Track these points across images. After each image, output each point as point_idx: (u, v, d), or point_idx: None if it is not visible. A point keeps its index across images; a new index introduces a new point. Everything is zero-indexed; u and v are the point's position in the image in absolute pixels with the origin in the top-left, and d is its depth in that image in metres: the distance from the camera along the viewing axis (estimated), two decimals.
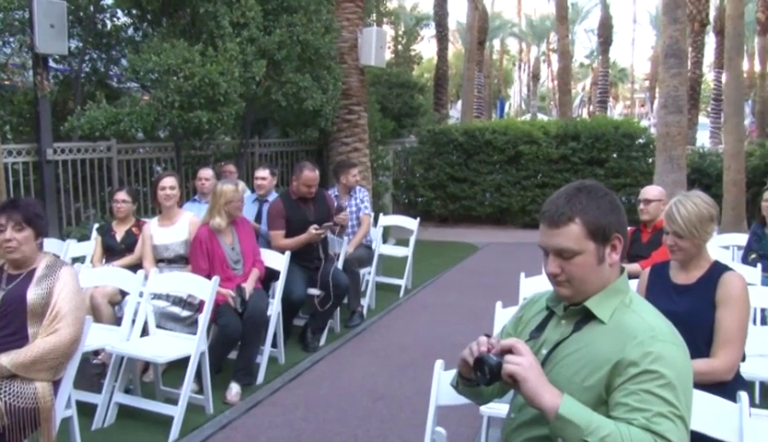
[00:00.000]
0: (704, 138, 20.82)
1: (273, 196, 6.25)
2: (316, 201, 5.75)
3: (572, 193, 1.81)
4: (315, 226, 5.58)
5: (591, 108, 40.98)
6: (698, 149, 13.04)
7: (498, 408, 2.93)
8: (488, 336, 1.81)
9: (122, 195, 5.45)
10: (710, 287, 2.84)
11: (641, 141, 11.82)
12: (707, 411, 2.27)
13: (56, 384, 3.09)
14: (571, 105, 25.75)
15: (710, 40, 22.21)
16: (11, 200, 3.21)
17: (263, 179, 6.23)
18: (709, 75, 27.29)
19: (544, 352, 1.85)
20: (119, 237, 5.37)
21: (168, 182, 5.20)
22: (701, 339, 2.76)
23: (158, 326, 4.48)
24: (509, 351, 1.70)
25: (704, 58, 21.34)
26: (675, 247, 2.88)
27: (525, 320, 2.03)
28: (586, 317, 1.82)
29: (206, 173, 6.29)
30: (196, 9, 6.91)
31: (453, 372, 2.49)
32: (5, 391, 2.85)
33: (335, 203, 6.19)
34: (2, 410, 2.82)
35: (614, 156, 11.70)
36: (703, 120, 24.76)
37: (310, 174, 5.64)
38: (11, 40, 7.70)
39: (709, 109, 22.86)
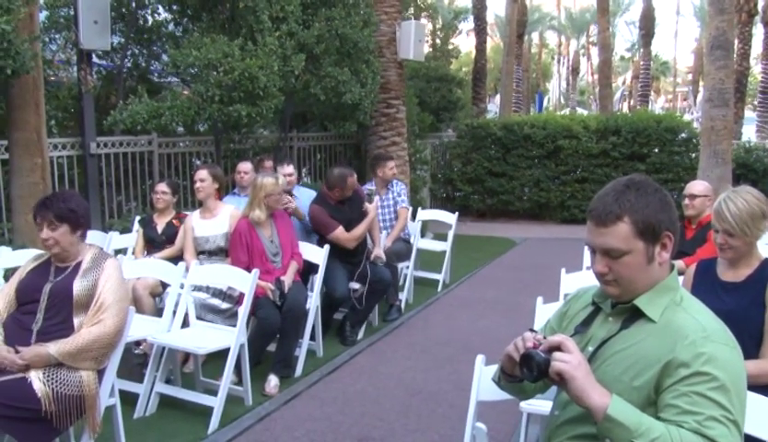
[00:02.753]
0: (750, 132, 20.27)
1: (297, 189, 6.26)
2: (349, 198, 5.73)
3: (620, 191, 1.75)
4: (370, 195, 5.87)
5: (632, 102, 40.25)
6: (744, 144, 12.69)
7: (538, 404, 2.89)
8: (533, 331, 1.78)
9: (162, 187, 5.52)
10: (760, 286, 2.75)
11: (684, 135, 11.55)
12: (759, 413, 2.20)
13: (101, 373, 3.15)
14: (611, 99, 25.29)
15: (758, 32, 21.58)
16: (44, 199, 3.26)
17: (290, 175, 6.25)
18: (756, 68, 26.57)
19: (590, 349, 1.81)
20: (159, 229, 5.45)
21: (199, 175, 5.27)
22: (750, 339, 2.67)
23: (198, 318, 4.53)
24: (557, 348, 1.67)
25: (752, 50, 20.74)
26: (726, 245, 2.79)
27: (570, 315, 1.99)
28: (634, 315, 1.77)
29: (245, 166, 6.33)
30: (236, 4, 6.96)
31: (494, 367, 2.47)
32: (52, 379, 2.92)
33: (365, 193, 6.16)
34: (49, 396, 2.88)
35: (656, 150, 11.47)
36: (749, 114, 24.10)
37: (353, 178, 5.66)
38: (57, 36, 7.87)
39: (756, 102, 22.21)
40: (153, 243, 5.43)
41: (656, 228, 1.73)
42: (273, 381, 4.57)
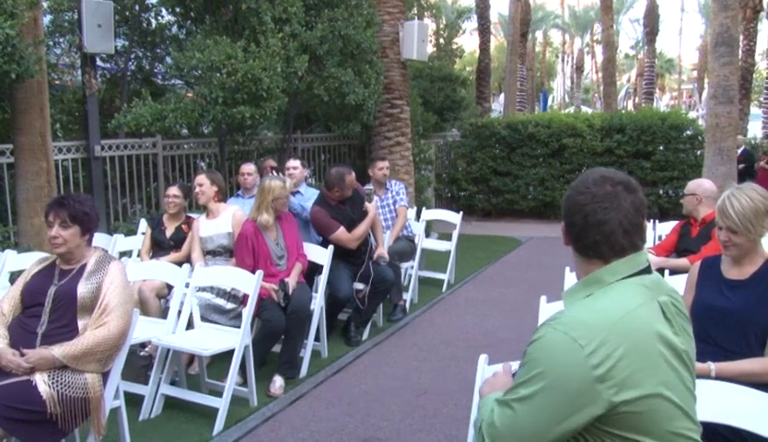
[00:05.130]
0: (755, 129, 20.20)
1: (303, 187, 6.26)
2: (350, 198, 5.72)
3: None
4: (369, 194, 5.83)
5: (637, 99, 40.16)
6: (749, 140, 12.65)
7: None
8: None
9: (174, 190, 5.52)
10: (765, 283, 2.74)
11: (689, 133, 11.53)
12: (763, 411, 2.19)
13: (105, 375, 3.16)
14: (616, 97, 25.29)
15: (763, 28, 21.53)
16: (60, 197, 3.30)
17: (295, 168, 6.24)
18: (762, 64, 26.47)
19: None
20: (168, 233, 5.46)
21: (198, 180, 5.33)
22: (754, 337, 2.67)
23: (203, 317, 4.54)
24: None
25: (757, 46, 20.65)
26: (729, 242, 2.78)
27: None
28: None
29: (248, 168, 6.34)
30: (238, 6, 6.97)
31: (497, 367, 2.47)
32: (57, 381, 2.93)
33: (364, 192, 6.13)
34: (54, 398, 2.89)
35: (661, 148, 11.44)
36: (755, 110, 24.02)
37: (352, 176, 5.61)
38: (61, 40, 7.91)
39: (762, 98, 22.11)
40: (160, 246, 5.44)
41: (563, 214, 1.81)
42: (278, 382, 4.58)
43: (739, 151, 10.97)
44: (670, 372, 1.59)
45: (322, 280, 5.14)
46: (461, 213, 7.74)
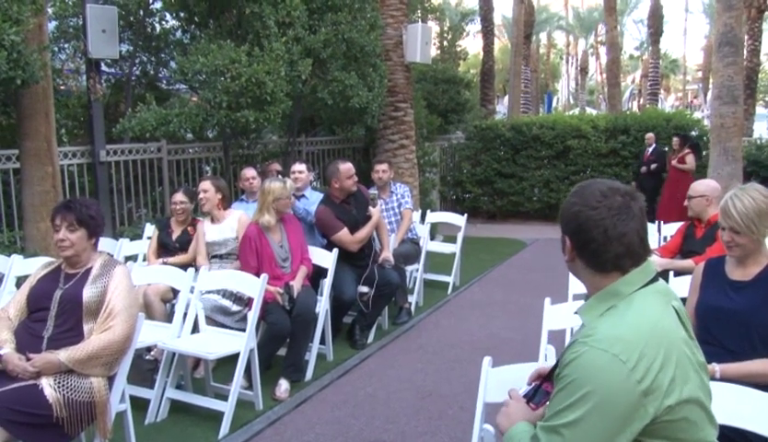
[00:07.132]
0: (761, 129, 20.12)
1: (308, 191, 6.25)
2: (355, 198, 5.71)
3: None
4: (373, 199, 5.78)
5: (641, 101, 40.05)
6: (755, 140, 12.61)
7: None
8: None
9: (179, 196, 5.50)
10: None
11: (694, 133, 11.51)
12: (757, 409, 2.19)
13: (111, 379, 3.17)
14: (620, 98, 25.20)
15: None
16: (67, 201, 3.33)
17: (300, 172, 6.23)
18: (767, 64, 26.36)
19: None
20: (174, 235, 5.47)
21: (202, 186, 5.33)
22: (758, 338, 2.66)
23: (208, 318, 4.55)
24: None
25: (762, 46, 20.57)
26: (732, 243, 2.77)
27: None
28: None
29: (250, 172, 6.33)
30: (242, 10, 7.00)
31: (501, 369, 2.48)
32: (62, 385, 2.94)
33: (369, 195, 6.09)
34: (60, 402, 2.91)
35: (665, 149, 11.41)
36: (760, 110, 23.94)
37: (346, 165, 5.56)
38: (66, 46, 7.95)
39: (767, 98, 22.04)
40: (166, 249, 5.46)
41: (563, 228, 1.78)
42: (283, 385, 4.58)
43: (650, 150, 10.87)
44: (696, 376, 1.61)
45: (327, 283, 5.15)
46: (466, 215, 7.73)
